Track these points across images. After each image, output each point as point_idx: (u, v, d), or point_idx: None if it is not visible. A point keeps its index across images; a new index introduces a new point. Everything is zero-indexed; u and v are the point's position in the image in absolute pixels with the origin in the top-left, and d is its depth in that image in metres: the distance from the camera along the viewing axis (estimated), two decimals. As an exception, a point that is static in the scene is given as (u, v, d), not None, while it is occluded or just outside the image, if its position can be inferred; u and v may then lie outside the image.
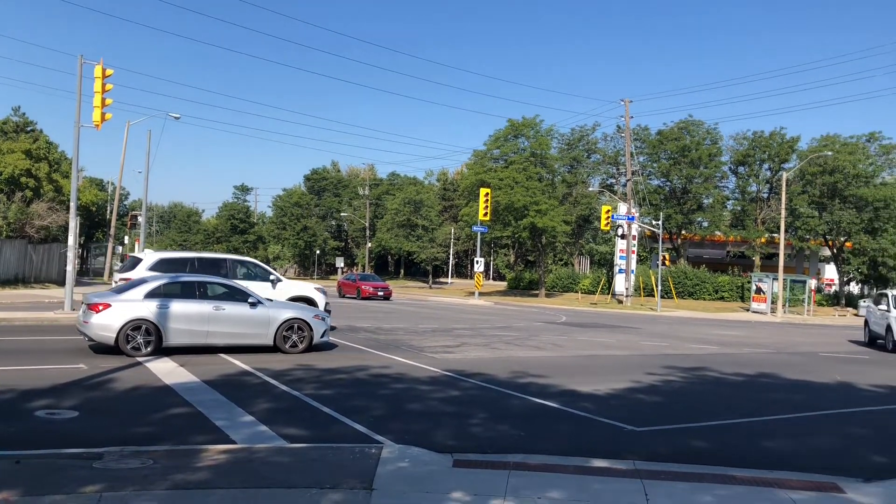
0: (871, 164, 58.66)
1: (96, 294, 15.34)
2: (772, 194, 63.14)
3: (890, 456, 8.50)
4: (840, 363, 18.76)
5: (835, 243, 61.05)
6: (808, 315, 49.92)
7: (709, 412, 10.73)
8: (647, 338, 24.22)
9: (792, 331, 33.82)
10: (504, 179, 55.83)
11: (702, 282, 59.13)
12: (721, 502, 5.87)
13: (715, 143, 62.79)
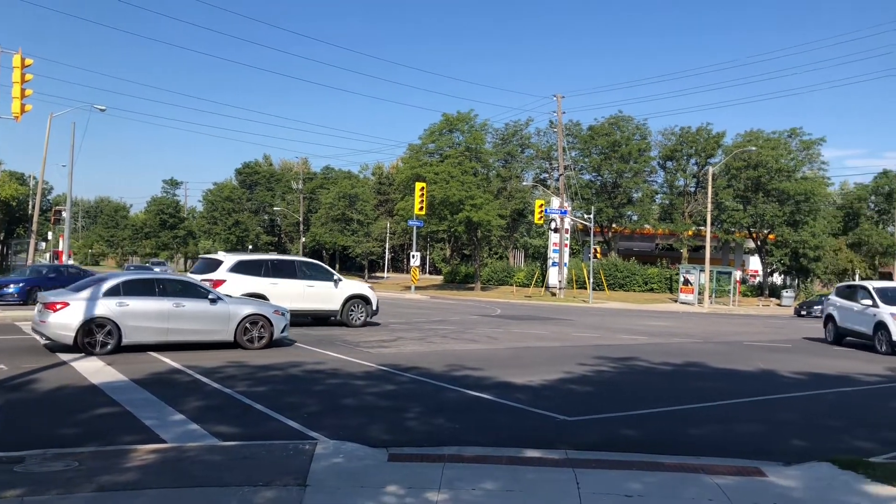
0: (793, 158, 60.81)
1: (53, 293, 15.24)
2: (698, 188, 64.83)
3: (809, 440, 8.85)
4: (763, 352, 19.44)
5: (758, 236, 63.18)
6: (733, 305, 51.56)
7: (638, 401, 10.97)
8: (579, 329, 24.64)
9: (718, 321, 34.88)
10: (439, 174, 55.92)
11: (632, 274, 60.41)
12: (649, 489, 6.02)
13: (644, 138, 64.14)
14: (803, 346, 21.44)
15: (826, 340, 22.59)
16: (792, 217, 59.16)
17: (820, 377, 14.54)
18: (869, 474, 6.64)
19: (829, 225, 65.19)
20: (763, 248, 64.04)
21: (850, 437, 9.07)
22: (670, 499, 5.75)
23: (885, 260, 71.00)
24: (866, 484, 6.38)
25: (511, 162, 67.23)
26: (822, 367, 16.24)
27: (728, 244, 67.01)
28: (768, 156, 57.84)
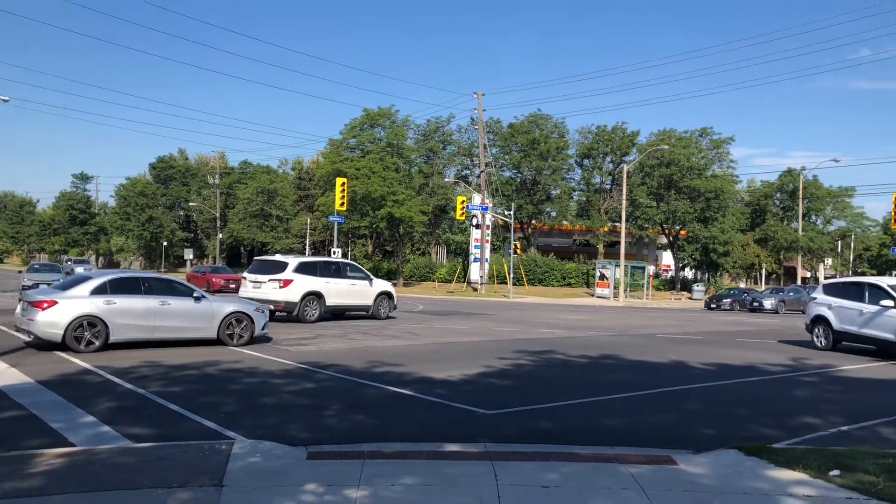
0: (704, 157, 63.03)
1: (39, 291, 15.55)
2: (614, 186, 66.48)
3: (718, 428, 9.19)
4: (675, 344, 20.09)
5: (671, 232, 65.23)
6: (647, 299, 53.09)
7: (556, 393, 11.18)
8: (499, 324, 24.93)
9: (632, 314, 35.85)
10: (361, 169, 55.60)
11: (551, 269, 61.49)
12: (566, 479, 6.15)
13: (562, 136, 65.34)
14: (712, 339, 22.24)
15: (814, 345, 19.54)
16: (702, 214, 61.32)
17: (728, 368, 15.12)
18: (772, 460, 6.95)
19: (738, 221, 67.89)
20: (675, 243, 66.16)
21: (756, 425, 9.46)
22: (585, 488, 5.89)
23: (790, 255, 74.35)
24: (770, 469, 6.68)
25: (433, 158, 67.46)
26: (729, 357, 16.89)
27: (642, 240, 68.99)
28: (680, 154, 59.77)
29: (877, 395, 12.32)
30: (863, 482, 6.20)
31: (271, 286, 22.19)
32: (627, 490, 5.88)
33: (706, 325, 29.19)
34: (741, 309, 44.08)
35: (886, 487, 6.05)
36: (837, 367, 15.74)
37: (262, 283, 22.46)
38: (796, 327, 29.41)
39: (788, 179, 76.09)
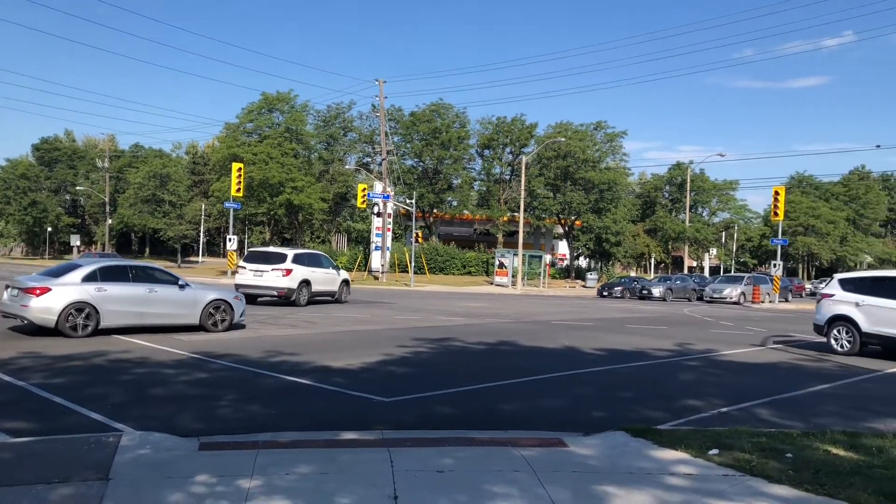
0: (598, 150, 64.89)
1: (30, 278, 15.84)
2: (513, 176, 67.57)
3: (608, 411, 9.54)
4: (569, 330, 20.66)
5: (567, 222, 66.93)
6: (543, 287, 54.33)
7: (453, 380, 11.32)
8: (400, 312, 24.98)
9: (530, 301, 36.62)
10: (258, 154, 54.43)
11: (451, 258, 62.03)
12: (460, 463, 6.25)
13: (463, 126, 65.90)
14: (604, 325, 23.00)
15: (833, 349, 16.99)
16: (596, 205, 63.20)
17: (618, 353, 15.69)
18: (657, 440, 7.28)
19: (629, 212, 70.37)
20: (570, 233, 67.96)
21: (643, 408, 9.86)
22: (479, 472, 6.00)
23: (677, 245, 77.61)
24: (654, 449, 6.99)
25: (334, 145, 66.76)
26: (619, 343, 17.52)
27: (540, 230, 70.57)
28: (576, 147, 61.33)
29: (754, 377, 13.05)
30: (739, 460, 6.58)
31: (275, 274, 25.11)
32: (519, 472, 6.04)
33: (598, 312, 30.15)
34: (631, 296, 45.73)
35: (759, 464, 6.44)
36: (719, 352, 16.57)
37: (266, 271, 25.23)
38: (683, 314, 30.81)
39: (677, 173, 79.30)
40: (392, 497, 5.34)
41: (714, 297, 43.81)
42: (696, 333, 21.26)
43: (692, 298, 46.24)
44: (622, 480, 5.92)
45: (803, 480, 5.98)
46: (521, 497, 5.41)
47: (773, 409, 9.97)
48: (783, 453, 6.81)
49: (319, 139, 65.16)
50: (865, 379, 13.31)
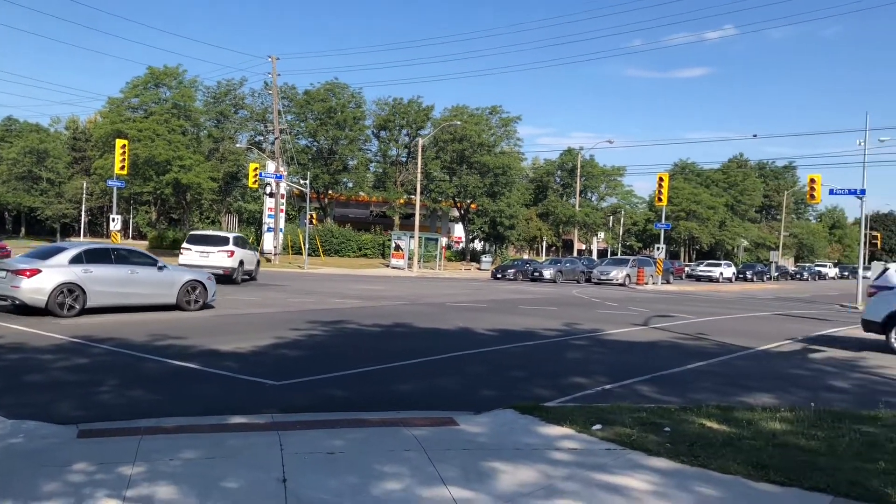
0: (493, 134, 65.71)
1: (19, 260, 16.69)
2: (410, 159, 67.53)
3: (498, 390, 9.73)
4: (463, 311, 20.93)
5: (462, 205, 67.58)
6: (439, 269, 54.76)
7: (347, 362, 11.28)
8: (293, 295, 24.62)
9: (425, 284, 36.84)
10: (144, 131, 52.23)
11: (347, 240, 61.56)
12: (351, 445, 6.25)
13: (359, 106, 65.19)
14: (497, 307, 23.42)
15: (892, 349, 15.08)
16: (491, 188, 64.09)
17: (510, 333, 16.02)
18: (544, 417, 7.50)
19: (523, 196, 71.80)
20: (466, 216, 68.69)
21: (533, 386, 10.13)
22: (370, 453, 6.02)
23: (568, 228, 79.69)
24: (541, 426, 7.20)
25: (224, 122, 64.70)
26: (511, 324, 17.90)
27: (436, 212, 70.93)
28: (472, 131, 61.89)
29: (636, 356, 13.62)
30: (620, 434, 6.86)
31: (221, 255, 27.63)
32: (410, 451, 6.09)
33: (492, 293, 30.68)
34: (524, 278, 46.71)
35: (639, 438, 6.74)
36: (605, 332, 17.18)
37: (212, 252, 27.66)
38: (572, 295, 31.74)
39: (568, 158, 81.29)
40: (281, 480, 5.28)
41: (601, 279, 45.33)
42: (583, 314, 21.96)
43: (581, 280, 47.67)
44: (510, 457, 6.07)
45: (680, 453, 6.30)
46: (411, 476, 5.46)
47: (654, 386, 10.44)
48: (662, 427, 7.14)
49: (209, 116, 63.01)
50: (738, 356, 14.11)
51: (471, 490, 5.19)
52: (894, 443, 6.78)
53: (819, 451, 6.44)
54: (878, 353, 15.14)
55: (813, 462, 6.09)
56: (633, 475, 5.68)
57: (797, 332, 19.13)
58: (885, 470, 5.89)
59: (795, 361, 13.78)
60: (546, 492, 5.23)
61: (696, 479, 5.64)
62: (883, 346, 15.44)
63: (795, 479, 5.63)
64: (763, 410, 8.15)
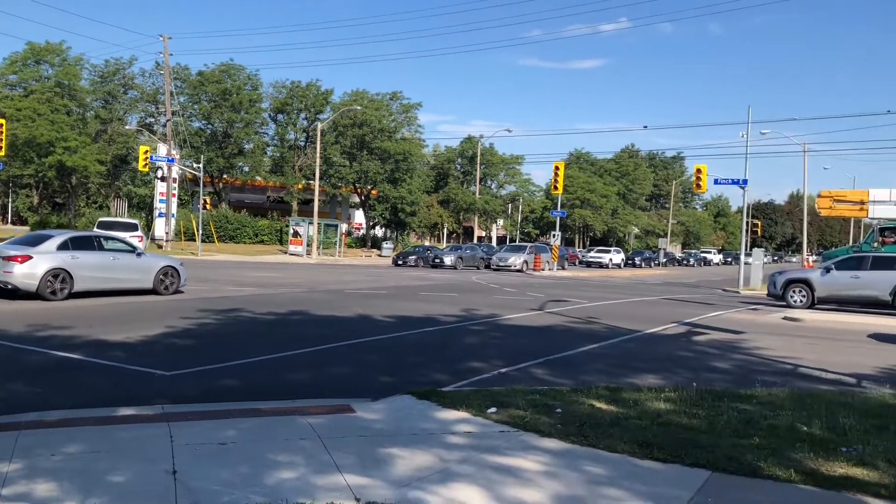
0: (394, 120, 65.54)
1: (9, 247, 17.39)
2: (308, 143, 66.55)
3: (396, 376, 9.76)
4: (363, 298, 20.86)
5: (363, 191, 67.16)
6: (339, 256, 54.32)
7: (241, 351, 11.06)
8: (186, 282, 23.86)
9: (324, 271, 36.48)
10: (23, 110, 49.32)
11: (243, 226, 60.18)
12: (244, 435, 6.14)
13: (256, 89, 63.67)
14: (397, 293, 23.45)
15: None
16: (392, 175, 63.95)
17: (409, 319, 16.09)
18: (440, 402, 7.58)
19: (424, 183, 71.96)
20: (367, 202, 68.32)
21: (430, 371, 10.22)
22: (264, 442, 5.93)
23: (468, 215, 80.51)
24: (437, 411, 7.28)
25: (112, 103, 61.88)
26: (411, 310, 17.97)
27: (336, 198, 70.17)
28: (372, 116, 61.52)
29: (532, 340, 13.94)
30: (514, 417, 7.02)
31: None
32: (305, 440, 6.04)
33: (392, 280, 30.68)
34: (425, 265, 46.94)
35: (532, 420, 6.92)
36: (502, 317, 17.50)
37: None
38: (472, 281, 32.13)
39: (468, 146, 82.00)
40: (170, 472, 5.14)
41: (500, 265, 46.08)
42: (482, 299, 22.28)
43: (481, 266, 48.31)
44: (406, 442, 6.12)
45: (570, 433, 6.50)
46: (306, 465, 5.42)
47: (548, 369, 10.73)
48: (554, 409, 7.35)
49: (96, 96, 60.06)
50: (627, 339, 14.66)
51: (367, 477, 5.20)
52: (768, 419, 7.20)
53: (700, 429, 6.78)
54: (756, 334, 16.05)
55: (694, 439, 6.40)
56: (525, 456, 5.82)
57: (683, 315, 20.02)
58: (759, 445, 6.25)
59: (680, 343, 14.44)
60: (441, 475, 5.30)
61: (585, 458, 5.84)
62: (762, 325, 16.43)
63: (678, 456, 5.91)
64: (649, 391, 8.50)
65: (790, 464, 5.74)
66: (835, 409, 7.63)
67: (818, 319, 19.55)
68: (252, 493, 4.78)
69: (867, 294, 22.40)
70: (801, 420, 7.16)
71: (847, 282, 22.68)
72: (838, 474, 5.54)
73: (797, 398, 8.29)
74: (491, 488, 5.06)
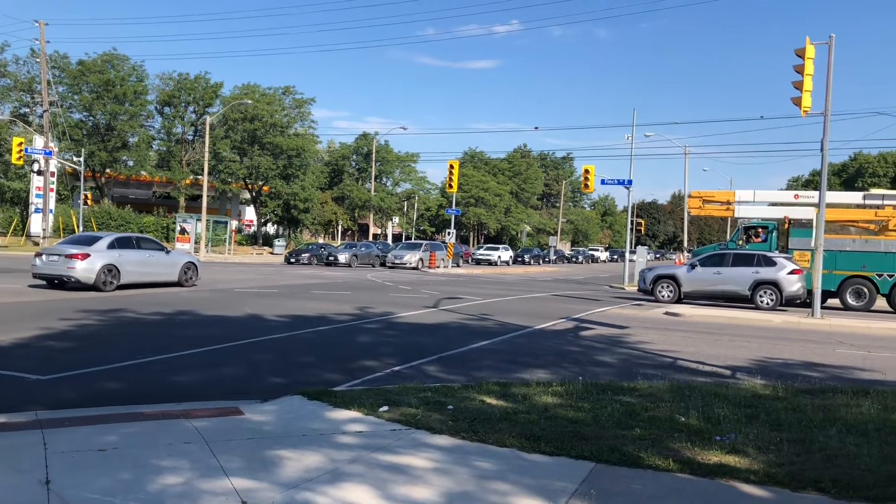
0: (287, 115, 64.43)
1: (70, 246, 20.21)
2: (197, 137, 64.56)
3: (287, 377, 9.60)
4: (253, 297, 20.42)
5: (254, 187, 65.75)
6: (229, 254, 52.98)
7: (124, 353, 10.61)
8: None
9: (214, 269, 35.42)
10: None
11: (127, 222, 57.78)
12: (126, 440, 5.90)
13: (141, 80, 61.26)
14: (289, 292, 23.09)
15: None
16: (285, 170, 62.86)
17: (301, 318, 15.86)
18: (332, 402, 7.52)
19: (318, 180, 71.04)
20: (258, 199, 66.91)
21: (322, 371, 10.11)
22: (147, 447, 5.72)
23: (363, 213, 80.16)
24: (329, 411, 7.21)
25: (-19, 91, 58.10)
26: (303, 309, 17.73)
27: (225, 194, 68.42)
28: (264, 110, 60.31)
29: (426, 337, 14.02)
30: (406, 414, 7.05)
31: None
32: (191, 444, 5.87)
33: (284, 278, 30.17)
34: (319, 263, 46.39)
35: (423, 417, 6.96)
36: (396, 315, 17.52)
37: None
38: (366, 279, 32.02)
39: (363, 143, 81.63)
40: (43, 482, 4.87)
41: (395, 263, 46.09)
42: (377, 297, 22.23)
43: (376, 264, 48.17)
44: (296, 443, 6.03)
45: (461, 430, 6.58)
46: (191, 469, 5.26)
47: (441, 366, 10.82)
48: (445, 406, 7.42)
49: (-37, 84, 56.35)
50: (518, 335, 14.96)
51: (254, 480, 5.10)
52: (649, 411, 7.52)
53: (585, 422, 7.01)
54: (639, 329, 16.71)
55: (580, 432, 6.61)
56: (416, 454, 5.86)
57: (571, 311, 20.61)
58: (640, 436, 6.52)
59: (568, 338, 14.86)
60: (331, 476, 5.26)
61: (475, 453, 5.93)
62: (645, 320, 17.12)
63: (564, 448, 6.08)
64: (538, 385, 8.71)
65: (669, 453, 6.01)
66: (710, 400, 8.04)
67: (697, 314, 20.54)
68: (133, 501, 4.61)
69: (728, 289, 23.94)
70: (680, 411, 7.51)
71: (710, 277, 24.15)
72: (713, 462, 5.84)
73: (676, 390, 8.68)
74: (381, 487, 5.06)
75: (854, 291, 25.34)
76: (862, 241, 26.40)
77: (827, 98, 20.39)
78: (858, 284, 25.26)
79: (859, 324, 19.57)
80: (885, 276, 24.83)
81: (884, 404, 8.07)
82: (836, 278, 25.22)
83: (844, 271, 25.33)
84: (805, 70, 19.29)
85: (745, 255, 24.77)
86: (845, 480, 5.43)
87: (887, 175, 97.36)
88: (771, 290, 23.32)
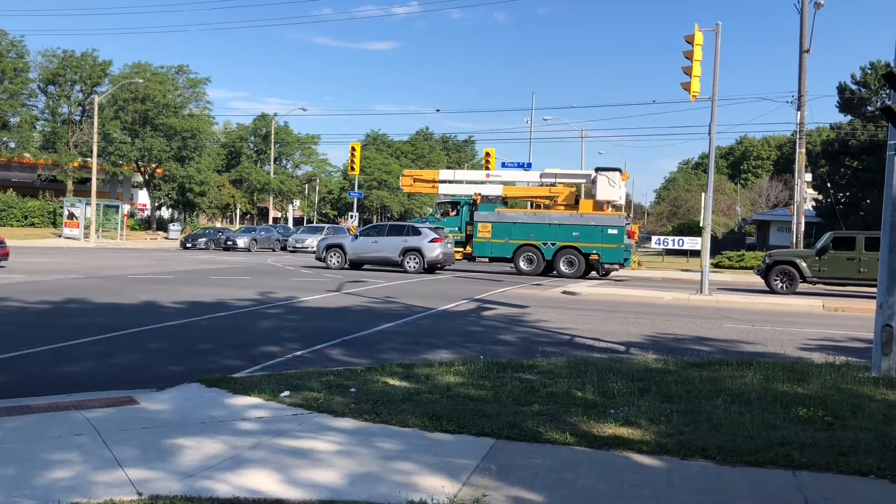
0: (180, 95, 62.27)
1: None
2: (85, 118, 61.54)
3: (185, 364, 9.35)
4: (147, 284, 19.75)
5: (147, 170, 63.37)
6: (121, 239, 51.05)
7: (9, 344, 10.06)
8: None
9: (105, 255, 34.13)
10: None
11: (9, 207, 54.75)
12: (11, 434, 5.63)
13: (21, 56, 57.83)
14: (185, 278, 22.44)
15: None
16: (179, 152, 60.84)
17: (199, 304, 15.46)
18: (232, 389, 7.39)
19: (214, 162, 69.11)
20: (151, 182, 64.53)
21: (222, 358, 9.91)
22: (34, 441, 5.48)
23: (263, 196, 78.56)
24: (229, 397, 7.09)
25: None
26: (201, 295, 17.28)
27: (116, 177, 65.57)
28: (156, 90, 58.14)
29: (329, 321, 13.93)
30: (308, 399, 7.00)
31: None
32: (82, 436, 5.66)
33: (180, 264, 29.31)
34: (216, 248, 45.27)
35: (326, 401, 6.94)
36: (298, 299, 17.31)
37: None
38: (267, 264, 31.50)
39: (262, 124, 79.86)
40: (-81, 483, 4.61)
41: (297, 247, 45.46)
42: (278, 282, 21.90)
43: (277, 249, 47.37)
44: (194, 431, 5.91)
45: (364, 412, 6.60)
46: (83, 462, 5.08)
47: (345, 349, 10.79)
48: (348, 389, 7.42)
49: None
50: (422, 317, 15.07)
51: (151, 469, 4.97)
52: (547, 387, 7.73)
53: (486, 400, 7.15)
54: (538, 308, 17.11)
55: (481, 409, 6.74)
56: (318, 437, 5.84)
57: (474, 292, 20.89)
58: (538, 412, 6.71)
59: (471, 319, 15.08)
60: (231, 462, 5.18)
61: (378, 435, 5.96)
62: (544, 299, 17.53)
63: (465, 426, 6.19)
64: (440, 366, 8.81)
65: (566, 427, 6.21)
66: (605, 374, 8.34)
67: (594, 293, 21.21)
68: (19, 497, 4.41)
69: (383, 255, 27.90)
70: (576, 386, 7.76)
71: (369, 246, 28.27)
72: (608, 434, 6.08)
73: (573, 366, 8.95)
74: (284, 471, 5.03)
75: (526, 258, 29.12)
76: (531, 214, 30.41)
77: (714, 83, 21.35)
78: (529, 252, 29.07)
79: (744, 300, 20.68)
80: (549, 244, 28.68)
81: (766, 375, 8.57)
82: (511, 247, 29.29)
83: (518, 240, 29.21)
84: (694, 56, 20.08)
85: (397, 227, 29.71)
86: (730, 447, 5.75)
87: (770, 158, 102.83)
88: (415, 255, 27.32)
